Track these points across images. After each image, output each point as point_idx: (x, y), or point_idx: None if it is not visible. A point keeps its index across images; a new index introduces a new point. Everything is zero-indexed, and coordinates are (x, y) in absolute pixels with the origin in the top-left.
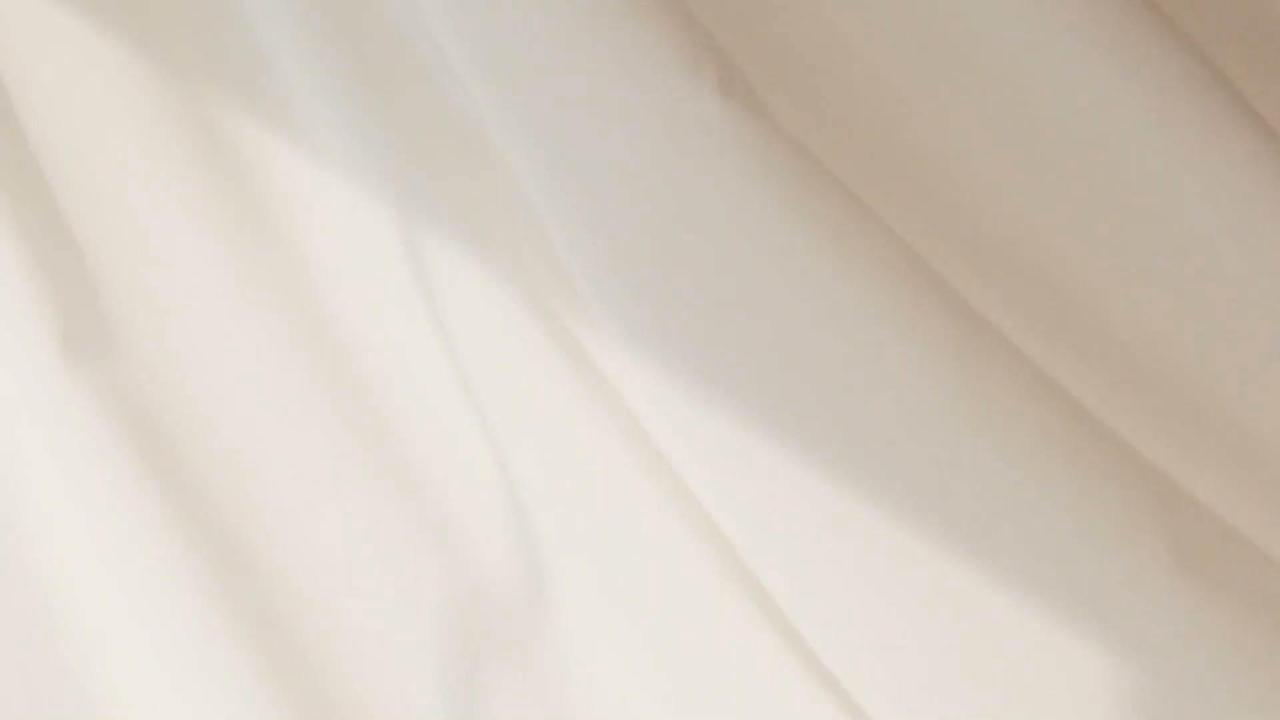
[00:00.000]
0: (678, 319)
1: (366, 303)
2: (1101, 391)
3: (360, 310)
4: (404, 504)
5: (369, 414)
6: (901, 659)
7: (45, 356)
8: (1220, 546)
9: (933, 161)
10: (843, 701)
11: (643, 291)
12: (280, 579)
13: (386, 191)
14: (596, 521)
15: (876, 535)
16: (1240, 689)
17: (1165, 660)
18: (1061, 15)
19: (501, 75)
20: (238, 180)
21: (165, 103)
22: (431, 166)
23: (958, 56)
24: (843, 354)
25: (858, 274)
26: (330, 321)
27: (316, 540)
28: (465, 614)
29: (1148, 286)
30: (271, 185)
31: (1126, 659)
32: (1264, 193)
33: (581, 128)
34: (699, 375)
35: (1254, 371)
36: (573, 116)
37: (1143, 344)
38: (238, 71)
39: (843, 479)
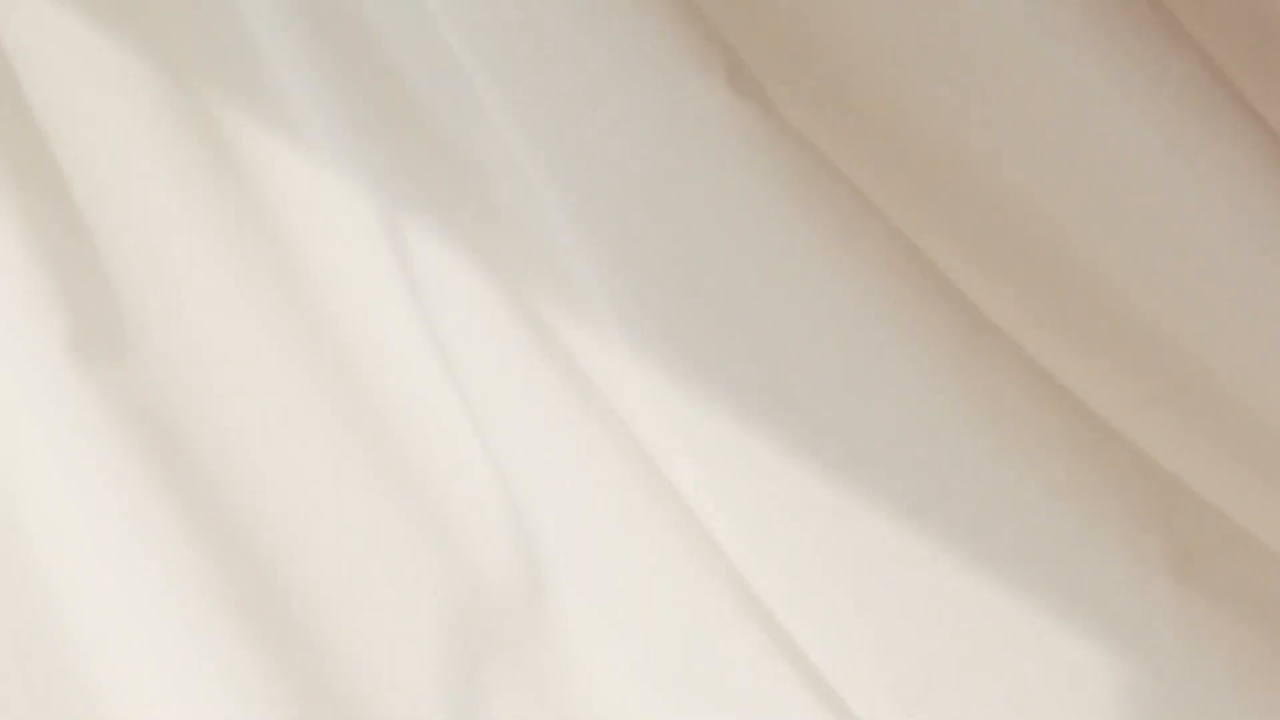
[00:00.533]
0: (681, 315)
1: (366, 303)
2: (1104, 390)
3: (360, 310)
4: (404, 504)
5: (369, 414)
6: (900, 659)
7: (50, 355)
8: (1221, 547)
9: (938, 160)
10: (842, 702)
11: (646, 286)
12: (280, 579)
13: (377, 194)
14: (595, 522)
15: (876, 535)
16: (1241, 689)
17: (1165, 660)
18: (1066, 15)
19: (507, 71)
20: (237, 181)
21: (165, 104)
22: (422, 171)
23: (963, 55)
24: (844, 353)
25: (862, 272)
26: (330, 321)
27: (316, 540)
28: (465, 614)
29: (1151, 285)
30: (271, 186)
31: (1126, 659)
32: (1267, 191)
33: (588, 123)
34: (700, 372)
35: (1256, 370)
36: (579, 111)
37: (1146, 342)
38: (237, 73)
39: (843, 479)
